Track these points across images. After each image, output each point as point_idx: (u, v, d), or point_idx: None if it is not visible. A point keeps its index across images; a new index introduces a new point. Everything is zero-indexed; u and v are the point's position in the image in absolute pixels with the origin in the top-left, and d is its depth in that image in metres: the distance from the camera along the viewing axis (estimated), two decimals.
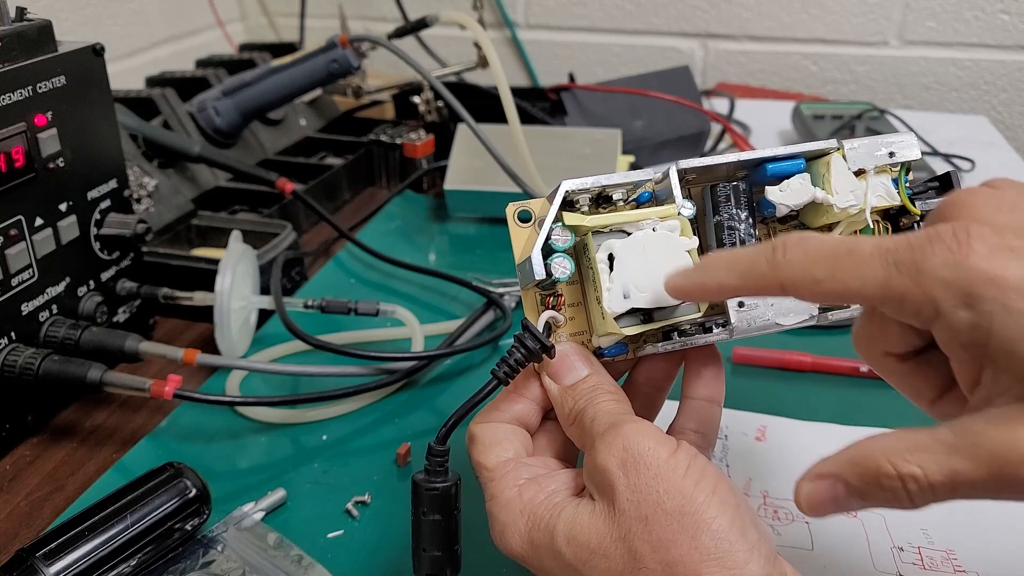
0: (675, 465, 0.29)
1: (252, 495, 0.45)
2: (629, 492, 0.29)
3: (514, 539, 0.32)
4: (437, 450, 0.35)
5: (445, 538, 0.35)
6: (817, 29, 1.07)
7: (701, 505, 0.28)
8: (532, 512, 0.32)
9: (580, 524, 0.30)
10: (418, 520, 0.35)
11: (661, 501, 0.29)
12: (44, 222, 0.50)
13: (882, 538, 0.42)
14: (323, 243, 0.75)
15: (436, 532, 0.35)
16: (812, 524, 0.43)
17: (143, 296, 0.58)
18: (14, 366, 0.47)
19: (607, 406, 0.33)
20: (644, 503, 0.29)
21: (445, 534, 0.35)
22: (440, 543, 0.35)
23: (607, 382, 0.35)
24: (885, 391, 0.54)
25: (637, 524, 0.29)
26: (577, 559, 0.30)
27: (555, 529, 0.31)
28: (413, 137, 0.87)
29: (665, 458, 0.29)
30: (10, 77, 0.46)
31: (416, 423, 0.52)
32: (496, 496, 0.33)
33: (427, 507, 0.35)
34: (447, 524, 0.35)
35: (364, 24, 1.22)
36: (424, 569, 0.35)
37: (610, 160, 0.75)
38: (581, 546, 0.30)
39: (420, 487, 0.35)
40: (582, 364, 0.35)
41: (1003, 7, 1.00)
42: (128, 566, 0.39)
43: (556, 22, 1.16)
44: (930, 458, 0.26)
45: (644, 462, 0.29)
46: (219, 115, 0.80)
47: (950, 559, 0.40)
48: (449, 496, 0.35)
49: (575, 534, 0.30)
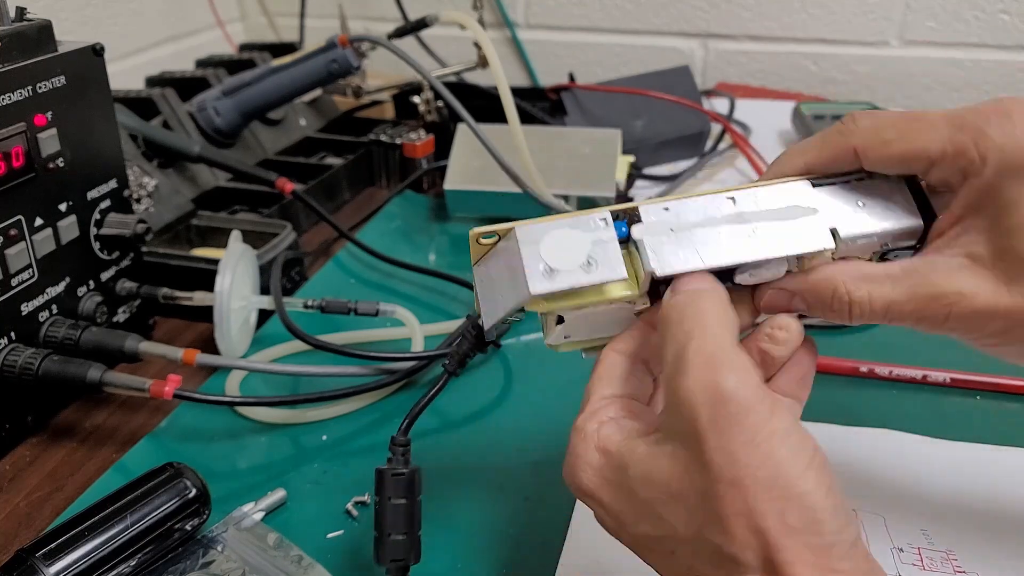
0: (774, 429, 0.27)
1: (252, 495, 0.45)
2: (719, 453, 0.27)
3: (585, 472, 0.32)
4: (400, 440, 0.39)
5: (408, 522, 0.38)
6: (817, 29, 1.07)
7: (796, 478, 0.27)
8: (606, 449, 0.31)
9: (659, 468, 0.29)
10: (383, 507, 0.37)
11: (754, 467, 0.27)
12: (44, 222, 0.50)
13: (882, 539, 0.42)
14: (323, 243, 0.75)
15: (400, 516, 0.37)
16: None
17: (143, 296, 0.58)
18: (14, 366, 0.47)
19: (706, 313, 0.30)
20: (736, 465, 0.27)
21: (409, 518, 0.38)
22: (404, 526, 0.37)
23: (714, 283, 0.32)
24: (885, 391, 0.54)
25: (724, 486, 0.27)
26: (653, 499, 0.29)
27: (629, 467, 0.30)
28: (413, 137, 0.87)
29: (764, 420, 0.27)
30: (10, 77, 0.46)
31: (416, 423, 0.52)
32: (579, 427, 0.33)
33: (392, 492, 0.37)
34: (410, 509, 0.38)
35: (364, 24, 1.21)
36: (389, 555, 0.37)
37: (610, 160, 0.75)
38: (658, 488, 0.29)
39: (385, 474, 0.38)
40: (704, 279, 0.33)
41: (1003, 7, 1.00)
42: (128, 566, 0.39)
43: (556, 22, 1.16)
44: (878, 288, 0.33)
45: (740, 420, 0.27)
46: (219, 115, 0.80)
47: (950, 560, 0.40)
48: (413, 482, 0.38)
49: (652, 476, 0.29)
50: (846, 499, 0.28)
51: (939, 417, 0.51)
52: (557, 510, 0.45)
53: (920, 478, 0.45)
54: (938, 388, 0.54)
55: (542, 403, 0.54)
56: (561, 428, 0.51)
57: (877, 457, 0.47)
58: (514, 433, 0.51)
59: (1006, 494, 0.44)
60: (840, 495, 0.28)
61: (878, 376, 0.55)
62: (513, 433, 0.51)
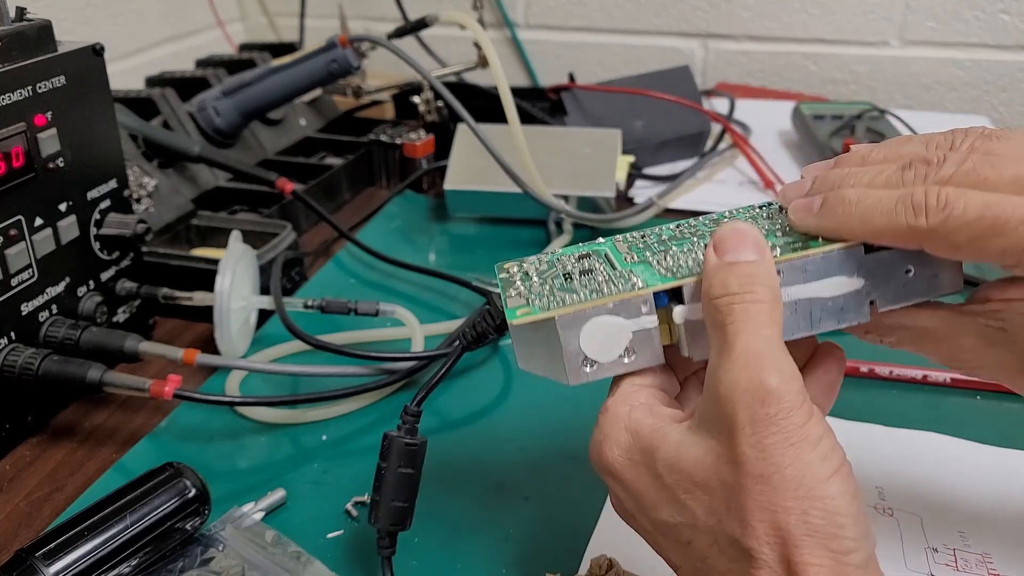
0: (807, 434, 0.28)
1: (252, 495, 0.45)
2: (752, 448, 0.28)
3: (612, 451, 0.32)
4: (413, 411, 0.40)
5: (411, 491, 0.39)
6: (817, 29, 1.07)
7: (822, 482, 0.27)
8: (637, 431, 0.31)
9: (689, 455, 0.29)
10: (390, 473, 0.39)
11: (783, 465, 0.27)
12: (44, 222, 0.50)
13: (916, 538, 0.42)
14: (323, 243, 0.75)
15: (405, 484, 0.39)
16: None
17: (143, 296, 0.58)
18: (14, 366, 0.47)
19: (758, 311, 0.30)
20: (766, 462, 0.27)
21: (411, 487, 0.39)
22: (407, 495, 0.39)
23: (765, 276, 0.31)
24: (885, 391, 0.54)
25: (752, 480, 0.28)
26: (678, 486, 0.30)
27: (658, 450, 0.30)
28: (413, 137, 0.87)
29: (799, 424, 0.28)
30: (10, 77, 0.46)
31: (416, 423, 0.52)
32: (609, 409, 0.33)
33: (403, 461, 0.39)
34: (415, 479, 0.39)
35: (364, 24, 1.21)
36: (389, 518, 0.39)
37: (610, 160, 0.75)
38: (685, 476, 0.30)
39: (397, 442, 0.39)
40: (750, 247, 0.31)
41: (1003, 7, 1.00)
42: (128, 566, 0.39)
43: (556, 22, 1.16)
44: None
45: (777, 420, 0.28)
46: (219, 115, 0.80)
47: (985, 562, 0.40)
48: (421, 454, 0.40)
49: (680, 463, 0.30)
50: (867, 514, 0.28)
51: (939, 417, 0.51)
52: (557, 510, 0.45)
53: (961, 481, 0.45)
54: (938, 388, 0.54)
55: (542, 403, 0.54)
56: (561, 428, 0.51)
57: (918, 458, 0.47)
58: (514, 433, 0.51)
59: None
60: (863, 506, 0.28)
61: (878, 376, 0.55)
62: (513, 433, 0.51)
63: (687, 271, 0.33)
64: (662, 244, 0.35)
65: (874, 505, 0.44)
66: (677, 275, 0.32)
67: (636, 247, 0.35)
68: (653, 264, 0.34)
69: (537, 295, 0.33)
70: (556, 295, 0.33)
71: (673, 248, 0.35)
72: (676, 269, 0.33)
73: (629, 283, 0.33)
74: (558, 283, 0.34)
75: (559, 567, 0.41)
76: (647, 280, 0.33)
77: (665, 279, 0.32)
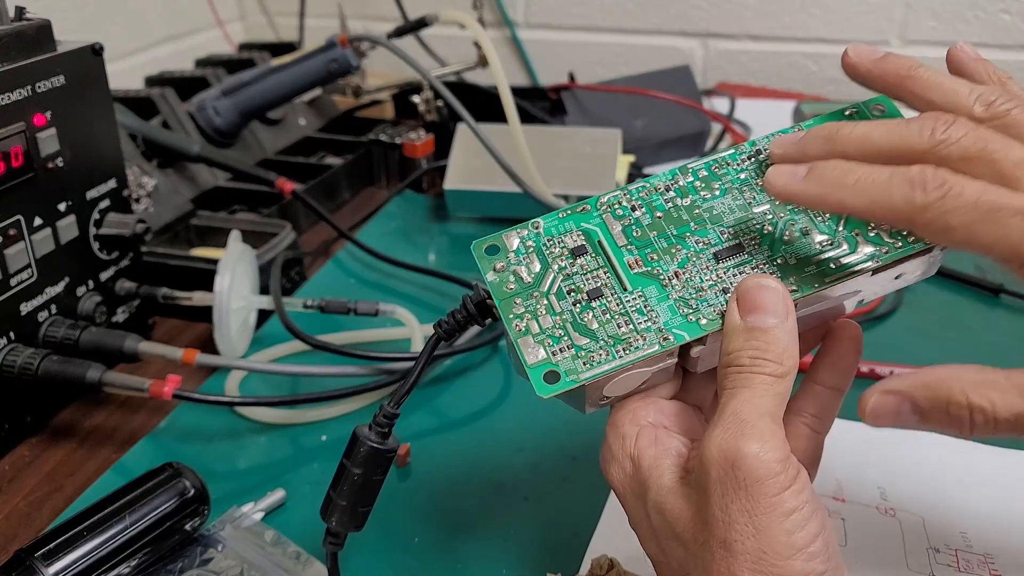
0: (777, 505, 0.27)
1: (252, 495, 0.45)
2: (719, 511, 0.28)
3: (616, 474, 0.32)
4: (390, 412, 0.36)
5: (372, 496, 0.37)
6: (818, 29, 1.07)
7: (784, 559, 0.27)
8: (638, 462, 0.31)
9: (673, 505, 0.30)
10: (365, 479, 0.36)
11: (746, 534, 0.27)
12: (43, 222, 0.50)
13: (919, 538, 0.42)
14: (323, 243, 0.75)
15: (374, 491, 0.37)
16: (847, 521, 0.43)
17: (142, 296, 0.58)
18: (13, 366, 0.47)
19: (760, 382, 0.29)
20: (730, 527, 0.27)
21: (376, 493, 0.37)
22: (372, 500, 0.37)
23: (778, 351, 0.30)
24: None
25: (716, 544, 0.28)
26: (660, 531, 0.30)
27: (649, 490, 0.31)
28: (413, 137, 0.87)
29: (770, 494, 0.27)
30: (9, 77, 0.46)
31: (415, 424, 0.52)
32: (615, 426, 0.33)
33: (381, 468, 0.36)
34: (378, 485, 0.37)
35: (364, 23, 1.21)
36: (343, 524, 0.37)
37: (610, 160, 0.75)
38: (667, 523, 0.30)
39: (381, 452, 0.36)
40: (771, 310, 0.30)
41: (1004, 7, 0.99)
42: (127, 566, 0.39)
43: (556, 22, 1.16)
44: (1001, 396, 0.29)
45: (746, 487, 0.27)
46: (218, 115, 0.80)
47: (987, 563, 0.40)
48: (389, 460, 0.37)
49: (665, 510, 0.30)
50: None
51: None
52: (557, 510, 0.45)
53: (963, 482, 0.45)
54: None
55: (542, 403, 0.53)
56: (561, 428, 0.51)
57: (920, 459, 0.47)
58: (514, 433, 0.51)
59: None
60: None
61: (879, 376, 0.55)
62: (513, 433, 0.51)
63: (710, 316, 0.32)
64: (662, 235, 0.33)
65: (876, 506, 0.44)
66: (703, 326, 0.31)
67: (632, 235, 0.33)
68: (666, 286, 0.32)
69: (551, 336, 0.31)
70: (573, 336, 0.31)
71: (681, 251, 0.33)
72: (697, 307, 0.32)
73: (657, 335, 0.31)
74: (568, 316, 0.32)
75: (559, 567, 0.41)
76: (672, 328, 0.31)
77: (691, 326, 0.32)
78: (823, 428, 0.35)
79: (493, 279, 0.33)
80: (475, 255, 0.33)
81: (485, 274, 0.33)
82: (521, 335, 0.32)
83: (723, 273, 0.32)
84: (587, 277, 0.33)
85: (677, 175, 0.35)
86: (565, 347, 0.31)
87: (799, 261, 0.33)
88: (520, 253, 0.33)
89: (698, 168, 0.35)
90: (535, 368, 0.31)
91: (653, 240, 0.33)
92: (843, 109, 0.36)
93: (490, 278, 0.33)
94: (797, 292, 0.32)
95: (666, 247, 0.33)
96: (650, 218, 0.34)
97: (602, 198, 0.34)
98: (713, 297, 0.32)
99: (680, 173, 0.35)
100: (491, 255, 0.33)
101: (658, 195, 0.34)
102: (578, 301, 0.32)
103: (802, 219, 0.33)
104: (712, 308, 0.32)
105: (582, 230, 0.34)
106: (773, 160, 0.34)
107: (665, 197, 0.34)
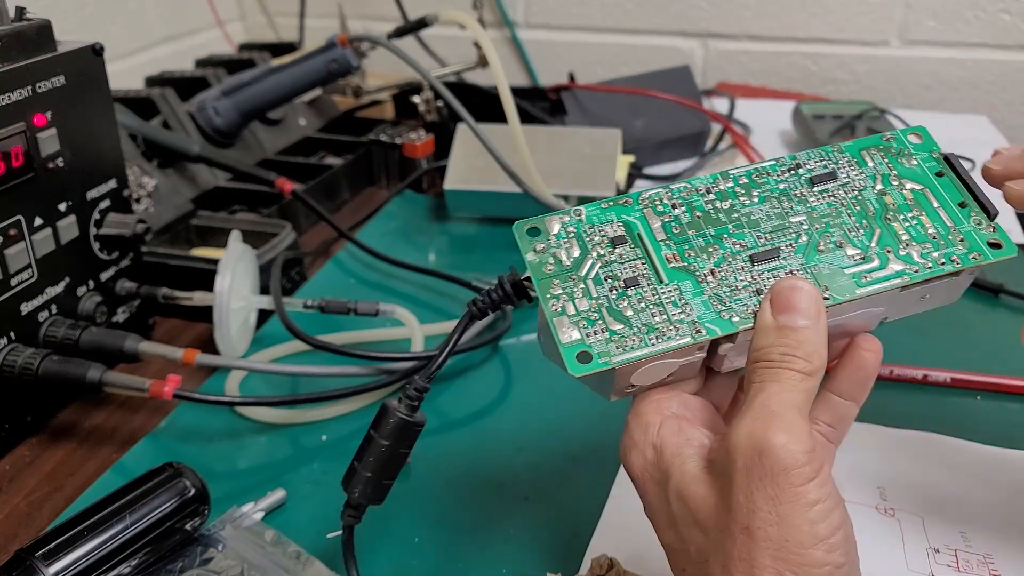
0: (801, 495, 0.27)
1: (252, 495, 0.45)
2: (743, 499, 0.28)
3: (636, 460, 0.32)
4: (421, 385, 0.37)
5: (397, 471, 0.38)
6: (818, 29, 1.07)
7: (806, 548, 0.27)
8: (661, 448, 0.32)
9: (696, 492, 0.30)
10: (391, 452, 0.37)
11: (769, 522, 0.27)
12: (43, 222, 0.50)
13: (918, 538, 0.42)
14: (323, 243, 0.75)
15: (398, 464, 0.37)
16: None
17: (142, 296, 0.58)
18: (13, 366, 0.47)
19: (789, 377, 0.30)
20: (754, 515, 0.28)
21: (400, 467, 0.38)
22: (395, 474, 0.38)
23: (808, 350, 0.30)
24: (885, 391, 0.54)
25: (738, 530, 0.28)
26: (681, 517, 0.30)
27: (671, 477, 0.31)
28: (413, 137, 0.87)
29: (795, 484, 0.27)
30: (9, 77, 0.46)
31: None
32: (639, 414, 0.33)
33: (408, 442, 0.37)
34: (404, 458, 0.38)
35: (364, 24, 1.21)
36: (366, 496, 0.37)
37: (610, 160, 0.75)
38: (687, 509, 0.30)
39: (409, 424, 0.37)
40: (803, 312, 0.31)
41: (1004, 7, 0.99)
42: (127, 566, 0.39)
43: (556, 22, 1.16)
44: None
45: (771, 476, 0.28)
46: (218, 115, 0.80)
47: (987, 563, 0.40)
48: (415, 433, 0.37)
49: (687, 497, 0.30)
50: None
51: (939, 417, 0.51)
52: (557, 510, 0.45)
53: (962, 482, 0.45)
54: (938, 388, 0.54)
55: (542, 403, 0.54)
56: (561, 428, 0.51)
57: (919, 458, 0.47)
58: (514, 433, 0.51)
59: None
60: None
61: (879, 376, 0.54)
62: (513, 433, 0.51)
63: (743, 314, 0.32)
64: (701, 234, 0.34)
65: (875, 506, 0.44)
66: (735, 323, 0.32)
67: (671, 231, 0.34)
68: (702, 282, 0.33)
69: (586, 319, 0.32)
70: (607, 321, 0.32)
71: (718, 251, 0.33)
72: (731, 305, 0.32)
73: (690, 327, 0.32)
74: (604, 301, 0.32)
75: (559, 567, 0.41)
76: (705, 321, 0.32)
77: (724, 322, 0.32)
78: (837, 438, 0.36)
79: (533, 259, 0.33)
80: (516, 235, 0.34)
81: (525, 254, 0.34)
82: (557, 315, 0.32)
83: (758, 275, 0.33)
84: (625, 266, 0.33)
85: (719, 179, 0.36)
86: (599, 330, 0.32)
87: (831, 271, 0.33)
88: (561, 237, 0.34)
89: (739, 175, 0.36)
90: (569, 347, 0.31)
91: (691, 238, 0.34)
92: (880, 135, 0.37)
93: (530, 258, 0.33)
94: (828, 300, 0.32)
95: (703, 246, 0.34)
96: (690, 217, 0.34)
97: (644, 193, 0.35)
98: (747, 297, 0.33)
99: (721, 177, 0.36)
100: (532, 236, 0.34)
101: (699, 196, 0.35)
102: (615, 288, 0.33)
103: (837, 232, 0.34)
104: (745, 307, 0.32)
105: (623, 221, 0.34)
106: (993, 175, 0.36)
107: (706, 199, 0.35)
